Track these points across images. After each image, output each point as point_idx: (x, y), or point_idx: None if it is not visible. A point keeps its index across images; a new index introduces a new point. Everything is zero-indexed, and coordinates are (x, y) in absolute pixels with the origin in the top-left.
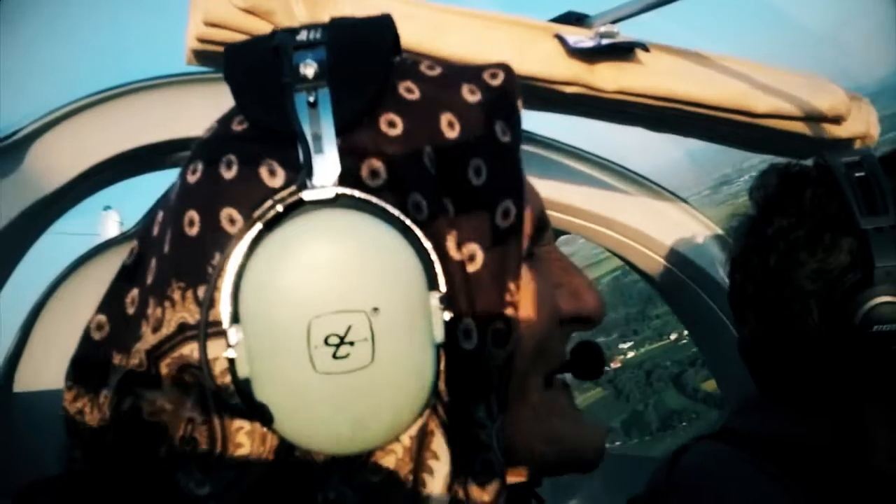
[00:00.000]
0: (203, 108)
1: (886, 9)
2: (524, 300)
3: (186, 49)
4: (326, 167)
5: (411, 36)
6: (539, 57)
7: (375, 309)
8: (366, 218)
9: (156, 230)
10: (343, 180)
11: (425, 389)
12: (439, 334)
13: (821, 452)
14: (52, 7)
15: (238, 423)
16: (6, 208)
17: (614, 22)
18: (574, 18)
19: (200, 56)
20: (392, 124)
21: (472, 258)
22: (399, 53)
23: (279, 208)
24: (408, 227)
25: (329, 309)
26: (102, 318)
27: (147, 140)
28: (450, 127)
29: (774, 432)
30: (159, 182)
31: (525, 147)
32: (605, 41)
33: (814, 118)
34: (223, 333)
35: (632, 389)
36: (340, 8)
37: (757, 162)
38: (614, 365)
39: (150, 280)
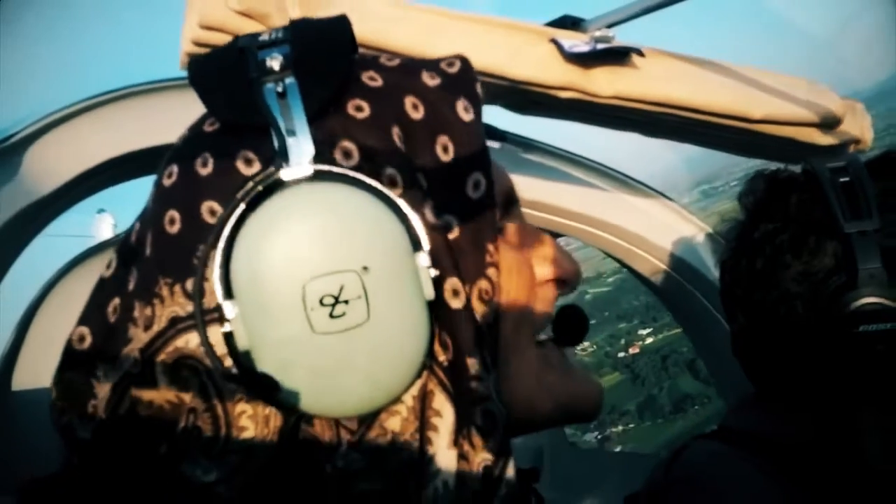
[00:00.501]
0: (198, 113)
1: (886, 9)
2: (503, 267)
3: (181, 52)
4: (300, 150)
5: (405, 39)
6: (534, 61)
7: (365, 268)
8: (343, 188)
9: (133, 238)
10: (317, 161)
11: (421, 345)
12: (429, 291)
13: (814, 451)
14: (50, 9)
15: (241, 406)
16: (1, 210)
17: (610, 26)
18: (570, 22)
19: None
20: (359, 108)
21: (449, 227)
22: (356, 51)
23: (260, 188)
24: (386, 196)
25: (321, 271)
26: (84, 329)
27: (142, 144)
28: (414, 108)
29: (770, 431)
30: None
31: (521, 153)
32: (600, 45)
33: (809, 123)
34: (217, 319)
35: (648, 374)
36: (334, 11)
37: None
38: (633, 350)
39: (132, 286)
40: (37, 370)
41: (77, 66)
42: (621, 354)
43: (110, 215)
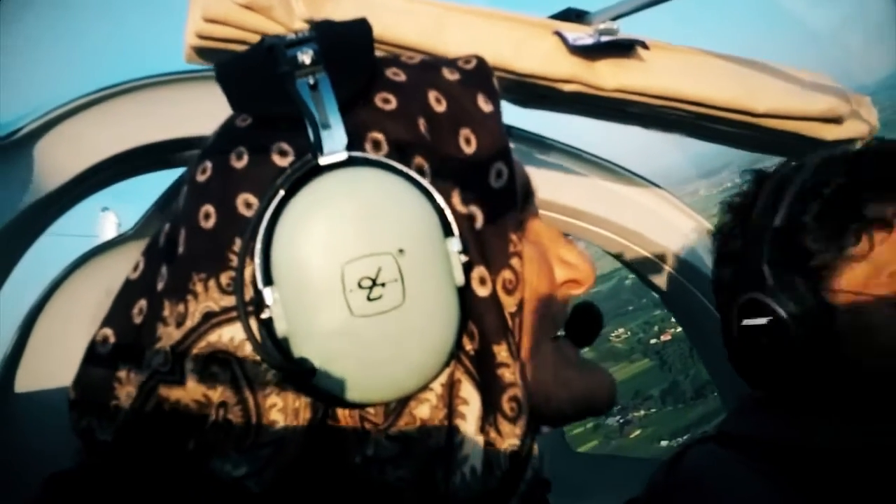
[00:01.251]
0: (202, 107)
1: (886, 7)
2: (524, 258)
3: (185, 46)
4: (334, 139)
5: (410, 32)
6: (538, 54)
7: (401, 250)
8: (378, 174)
9: (162, 239)
10: (350, 150)
11: (452, 330)
12: (459, 277)
13: (813, 454)
14: (51, 6)
15: (272, 400)
16: (5, 209)
17: (614, 19)
18: (574, 15)
19: (199, 53)
20: (387, 101)
21: (473, 217)
22: (374, 55)
23: (298, 174)
24: (418, 182)
25: (359, 253)
26: (108, 331)
27: (146, 140)
28: (437, 102)
29: (768, 435)
30: (158, 184)
31: (522, 146)
32: (604, 38)
33: (814, 118)
34: (253, 311)
35: (675, 361)
36: (339, 4)
37: None
38: (665, 337)
39: (161, 286)
40: (40, 369)
41: (78, 62)
42: (653, 341)
43: (114, 213)
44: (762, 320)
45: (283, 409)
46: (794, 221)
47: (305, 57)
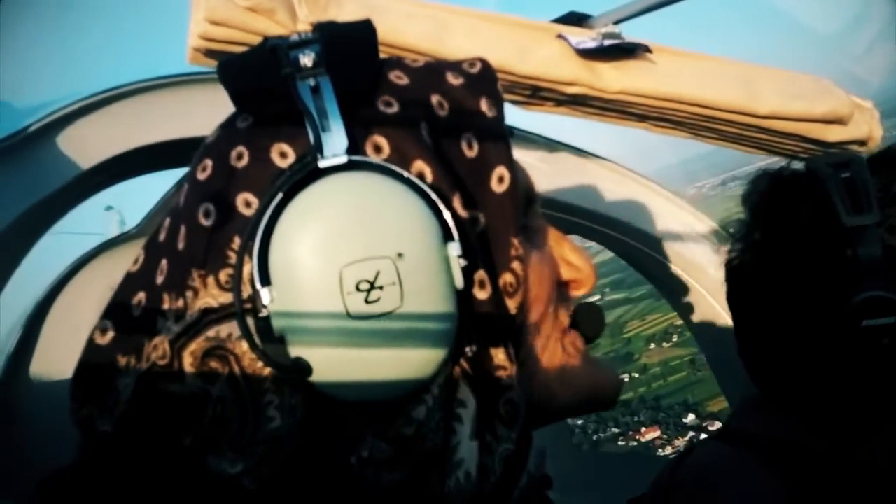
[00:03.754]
0: (205, 108)
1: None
2: (526, 262)
3: (188, 47)
4: (335, 141)
5: (414, 35)
6: (542, 57)
7: (400, 254)
8: (378, 178)
9: (163, 236)
10: (350, 153)
11: (450, 332)
12: (459, 281)
13: (819, 453)
14: (53, 6)
15: (268, 397)
16: (9, 208)
17: (617, 22)
18: (576, 19)
19: (202, 54)
20: (389, 104)
21: (475, 221)
22: (378, 57)
23: (297, 177)
24: (418, 186)
25: (358, 256)
26: (107, 323)
27: (149, 140)
28: (440, 106)
29: (774, 433)
30: (161, 182)
31: (527, 147)
32: (607, 42)
33: (816, 120)
34: (251, 309)
35: None
36: (343, 6)
37: None
38: None
39: (160, 280)
40: (45, 367)
41: (82, 64)
42: None
43: (118, 212)
44: (891, 319)
45: (279, 407)
46: (889, 220)
47: (307, 59)
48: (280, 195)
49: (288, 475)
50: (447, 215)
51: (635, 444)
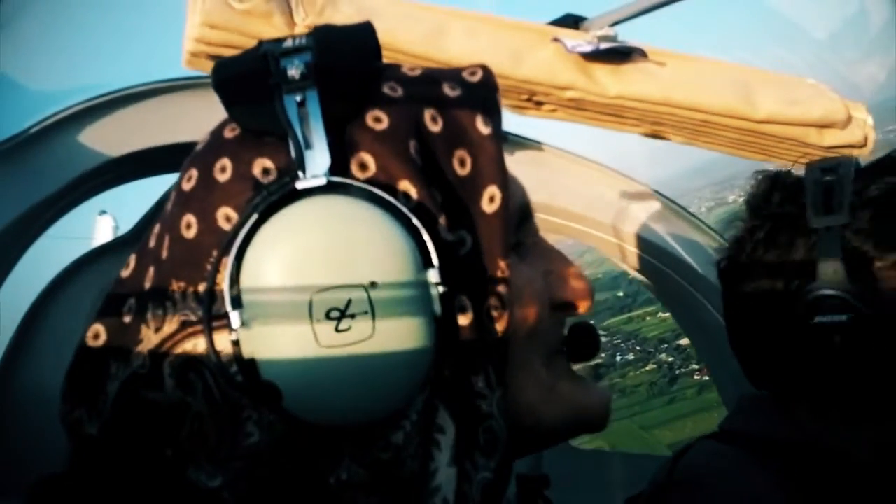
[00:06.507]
0: (200, 113)
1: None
2: (516, 284)
3: (184, 51)
4: (317, 161)
5: (410, 38)
6: (538, 61)
7: (373, 283)
8: (357, 202)
9: (152, 242)
10: (333, 173)
11: (424, 361)
12: (437, 308)
13: (816, 453)
14: (51, 9)
15: (246, 413)
16: (3, 212)
17: (612, 25)
18: (572, 21)
19: (198, 58)
20: (378, 120)
21: (462, 242)
22: (380, 60)
23: (273, 198)
24: (397, 209)
25: (328, 284)
26: (99, 327)
27: (144, 145)
28: (433, 121)
29: (770, 434)
30: (155, 187)
31: (524, 152)
32: (603, 45)
33: (812, 124)
34: (226, 325)
35: None
36: (339, 9)
37: None
38: None
39: (148, 286)
40: (37, 373)
41: (77, 67)
42: None
43: (111, 217)
44: (842, 317)
45: (257, 422)
46: (857, 222)
47: (295, 71)
48: (255, 216)
49: (267, 492)
50: (428, 241)
51: None
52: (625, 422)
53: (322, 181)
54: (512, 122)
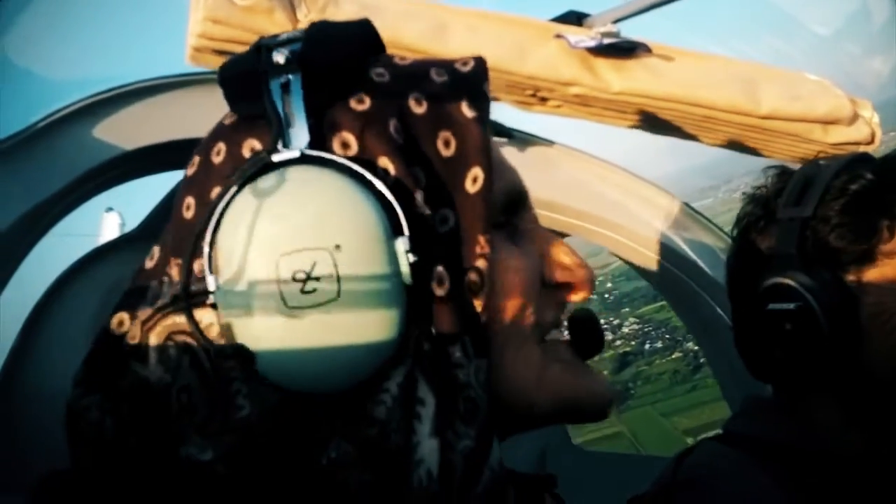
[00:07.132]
0: (205, 109)
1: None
2: (502, 261)
3: (187, 47)
4: (300, 139)
5: (412, 35)
6: (541, 58)
7: (337, 246)
8: (329, 172)
9: (166, 230)
10: (316, 149)
11: (394, 327)
12: (407, 276)
13: (817, 455)
14: (54, 6)
15: (236, 386)
16: (9, 209)
17: (615, 21)
18: (575, 17)
19: (202, 53)
20: (360, 101)
21: (444, 220)
22: (380, 51)
23: (249, 171)
24: (369, 181)
25: (294, 247)
26: (124, 315)
27: (150, 141)
28: (417, 103)
29: (774, 436)
30: (162, 184)
31: (527, 149)
32: (606, 41)
33: (816, 120)
34: (198, 298)
35: None
36: (342, 6)
37: None
38: None
39: (161, 271)
40: (44, 370)
41: (82, 63)
42: None
43: (118, 214)
44: (790, 305)
45: (247, 396)
46: (824, 215)
47: (280, 58)
48: (234, 189)
49: (260, 466)
50: (399, 210)
51: None
52: (646, 408)
53: (296, 153)
54: (522, 120)
